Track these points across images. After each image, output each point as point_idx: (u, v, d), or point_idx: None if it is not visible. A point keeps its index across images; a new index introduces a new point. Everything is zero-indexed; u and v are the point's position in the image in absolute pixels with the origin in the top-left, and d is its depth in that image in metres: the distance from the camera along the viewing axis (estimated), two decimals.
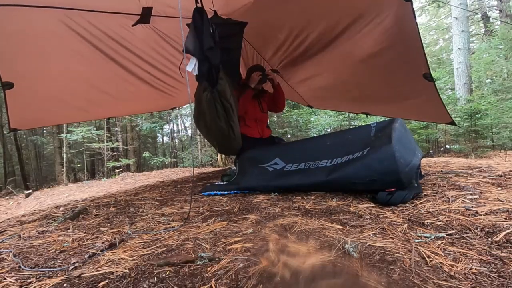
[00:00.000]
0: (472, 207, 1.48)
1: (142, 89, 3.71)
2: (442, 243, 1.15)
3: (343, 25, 2.75)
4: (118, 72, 3.21)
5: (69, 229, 1.73)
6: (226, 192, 2.47)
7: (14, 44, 2.39)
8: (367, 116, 5.02)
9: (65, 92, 3.19)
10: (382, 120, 2.60)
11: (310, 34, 3.08)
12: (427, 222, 1.36)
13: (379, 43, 2.70)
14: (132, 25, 2.75)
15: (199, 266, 1.07)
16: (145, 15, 2.71)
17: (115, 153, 11.89)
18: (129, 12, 2.65)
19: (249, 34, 3.21)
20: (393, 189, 1.79)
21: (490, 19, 12.03)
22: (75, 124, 10.22)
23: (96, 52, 2.83)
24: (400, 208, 1.65)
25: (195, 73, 2.30)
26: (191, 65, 2.28)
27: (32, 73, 2.72)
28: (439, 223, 1.34)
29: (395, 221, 1.43)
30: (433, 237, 1.20)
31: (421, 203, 1.66)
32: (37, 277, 1.11)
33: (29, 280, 1.08)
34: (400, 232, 1.29)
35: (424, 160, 3.63)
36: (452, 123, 3.31)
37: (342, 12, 2.63)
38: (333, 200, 1.93)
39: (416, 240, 1.18)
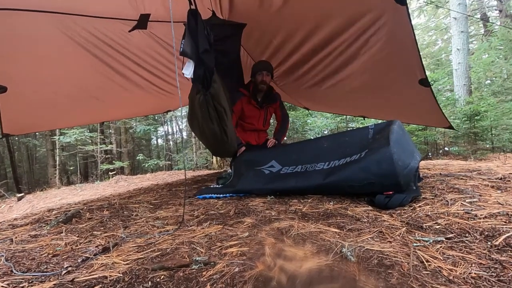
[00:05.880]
0: (472, 210, 1.46)
1: (137, 94, 3.72)
2: (441, 247, 1.13)
3: (338, 32, 2.74)
4: (113, 77, 3.21)
5: (62, 232, 1.71)
6: (221, 195, 2.45)
7: (8, 47, 2.38)
8: (364, 118, 5.02)
9: (60, 97, 3.18)
10: (380, 122, 2.59)
11: (305, 41, 3.08)
12: (425, 226, 1.35)
13: (374, 50, 2.69)
14: (129, 31, 2.74)
15: (194, 270, 1.06)
16: (142, 21, 2.70)
17: (109, 156, 11.89)
18: (126, 18, 2.63)
19: (243, 39, 3.20)
20: (391, 192, 1.78)
21: (490, 19, 12.06)
22: None
23: (91, 57, 2.83)
24: (398, 211, 1.63)
25: (191, 76, 2.28)
26: (188, 69, 2.26)
27: (26, 78, 2.71)
28: (438, 227, 1.33)
29: (393, 225, 1.42)
30: (431, 240, 1.19)
31: (419, 206, 1.65)
32: (30, 281, 1.09)
33: (21, 285, 1.07)
34: (398, 235, 1.27)
35: (422, 163, 3.62)
36: (450, 127, 3.30)
37: (337, 19, 2.62)
38: (330, 203, 1.92)
39: (415, 244, 1.17)
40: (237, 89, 3.26)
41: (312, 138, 7.35)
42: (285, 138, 3.99)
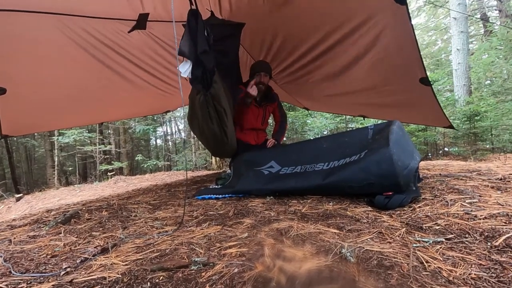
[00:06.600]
0: (471, 211, 1.46)
1: (137, 94, 3.72)
2: (440, 247, 1.13)
3: (337, 32, 2.74)
4: (113, 78, 3.21)
5: (60, 233, 1.71)
6: (220, 195, 2.44)
7: (7, 48, 2.37)
8: (364, 118, 5.01)
9: (59, 98, 3.18)
10: (379, 122, 2.59)
11: (305, 41, 3.08)
12: (425, 226, 1.35)
13: (374, 49, 2.69)
14: (128, 32, 2.73)
15: (193, 271, 1.05)
16: (141, 21, 2.69)
17: (108, 156, 11.89)
18: (125, 18, 2.63)
19: (243, 38, 3.20)
20: (390, 193, 1.77)
21: (490, 19, 12.04)
22: None
23: (90, 58, 2.82)
24: (398, 212, 1.63)
25: (189, 76, 2.28)
26: (184, 68, 2.25)
27: (25, 78, 2.71)
28: (437, 227, 1.32)
29: (393, 225, 1.41)
30: (431, 241, 1.18)
31: (419, 207, 1.64)
32: (28, 282, 1.09)
33: (20, 286, 1.06)
34: (398, 236, 1.27)
35: (422, 163, 3.61)
36: (451, 126, 3.30)
37: (336, 19, 2.62)
38: (330, 203, 1.91)
39: (414, 245, 1.17)
40: (237, 87, 3.27)
41: (312, 138, 7.36)
42: (284, 139, 3.99)
